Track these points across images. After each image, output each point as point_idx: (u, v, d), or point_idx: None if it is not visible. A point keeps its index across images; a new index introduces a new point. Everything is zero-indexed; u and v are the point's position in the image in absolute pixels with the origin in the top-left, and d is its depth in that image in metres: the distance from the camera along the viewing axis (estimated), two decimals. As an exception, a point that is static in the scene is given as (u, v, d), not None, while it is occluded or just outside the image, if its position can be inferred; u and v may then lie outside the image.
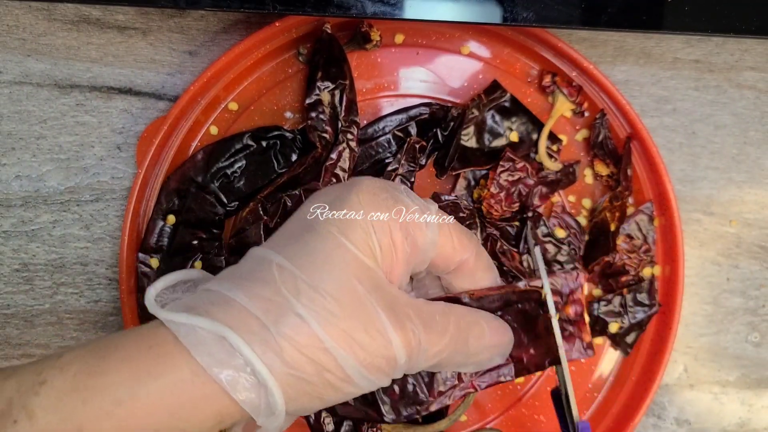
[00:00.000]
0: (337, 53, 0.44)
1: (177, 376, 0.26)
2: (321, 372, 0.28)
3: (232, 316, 0.27)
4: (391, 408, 0.37)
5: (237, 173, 0.45)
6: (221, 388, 0.26)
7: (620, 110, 0.46)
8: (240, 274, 0.29)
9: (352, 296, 0.28)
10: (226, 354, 0.26)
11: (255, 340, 0.27)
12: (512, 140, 0.45)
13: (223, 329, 0.26)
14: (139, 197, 0.44)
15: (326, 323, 0.27)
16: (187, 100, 0.43)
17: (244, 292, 0.28)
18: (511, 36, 0.46)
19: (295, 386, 0.27)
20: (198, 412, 0.27)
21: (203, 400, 0.26)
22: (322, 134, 0.43)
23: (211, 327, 0.27)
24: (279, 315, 0.27)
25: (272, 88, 0.46)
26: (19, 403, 0.25)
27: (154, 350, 0.27)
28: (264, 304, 0.27)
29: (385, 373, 0.29)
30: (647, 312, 0.46)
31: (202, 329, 0.27)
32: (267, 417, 0.28)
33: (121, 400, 0.25)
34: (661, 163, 0.45)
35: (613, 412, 0.47)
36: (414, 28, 0.46)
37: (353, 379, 0.28)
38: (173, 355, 0.26)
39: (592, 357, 0.47)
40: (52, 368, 0.26)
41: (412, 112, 0.46)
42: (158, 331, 0.27)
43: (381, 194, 0.31)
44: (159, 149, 0.44)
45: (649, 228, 0.46)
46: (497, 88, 0.45)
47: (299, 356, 0.27)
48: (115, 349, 0.27)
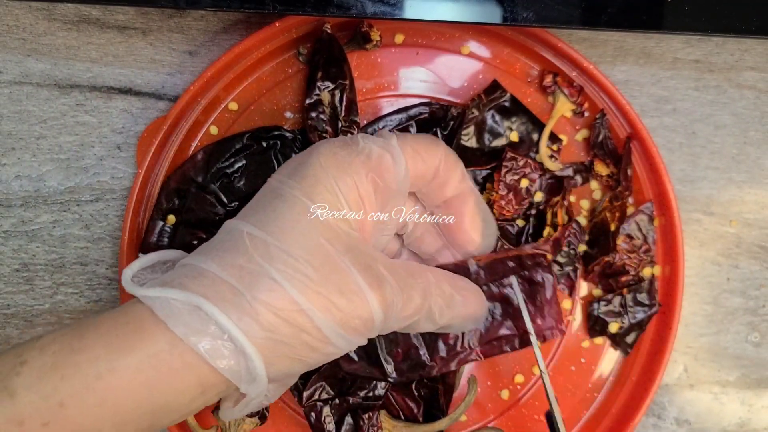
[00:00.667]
0: (337, 53, 0.44)
1: (154, 348, 0.26)
2: (298, 333, 0.28)
3: (205, 286, 0.27)
4: (395, 369, 0.37)
5: (237, 173, 0.45)
6: (200, 357, 0.27)
7: (620, 110, 0.46)
8: (213, 246, 0.30)
9: (325, 258, 0.28)
10: (202, 323, 0.27)
11: (230, 307, 0.27)
12: (512, 140, 0.45)
13: (196, 298, 0.27)
14: (139, 197, 0.44)
15: (301, 286, 0.28)
16: (187, 100, 0.43)
17: (216, 262, 0.28)
18: (511, 36, 0.46)
19: (274, 349, 0.28)
20: (178, 383, 0.27)
21: (182, 370, 0.27)
22: (323, 134, 0.43)
23: (185, 297, 0.27)
24: (253, 280, 0.27)
25: (272, 88, 0.46)
26: (1, 384, 0.25)
27: (130, 325, 0.27)
28: (237, 271, 0.28)
29: (361, 333, 0.29)
30: (647, 312, 0.46)
31: (177, 301, 0.27)
32: (249, 383, 0.28)
33: (100, 374, 0.26)
34: (661, 163, 0.45)
35: (613, 412, 0.47)
36: (414, 28, 0.46)
37: (330, 340, 0.29)
38: (150, 328, 0.27)
39: (592, 357, 0.47)
40: (32, 349, 0.26)
41: (412, 111, 0.46)
42: (135, 308, 0.28)
43: (341, 152, 0.31)
44: (159, 149, 0.44)
45: (649, 228, 0.46)
46: (497, 88, 0.45)
47: (276, 319, 0.27)
48: (93, 327, 0.27)
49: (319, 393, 0.42)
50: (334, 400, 0.42)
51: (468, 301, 0.34)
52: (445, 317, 0.33)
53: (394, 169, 0.32)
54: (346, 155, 0.31)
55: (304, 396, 0.42)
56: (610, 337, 0.47)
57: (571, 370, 0.47)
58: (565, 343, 0.47)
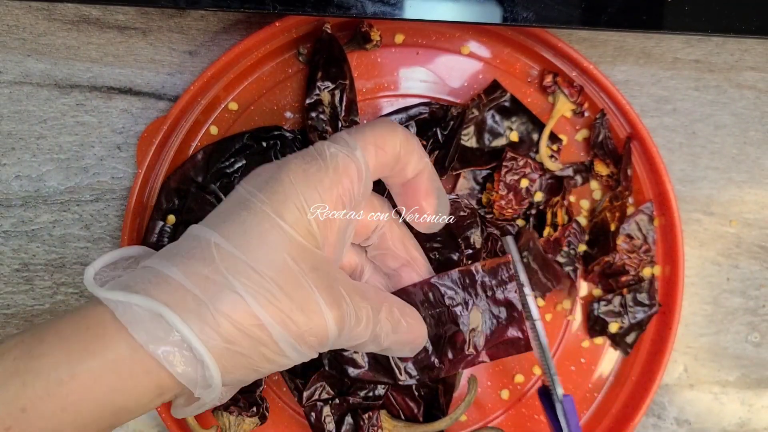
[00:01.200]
0: (337, 53, 0.44)
1: (115, 353, 0.27)
2: (256, 346, 0.29)
3: (168, 293, 0.28)
4: (405, 371, 0.39)
5: (237, 173, 0.45)
6: (159, 363, 0.27)
7: (620, 110, 0.46)
8: (178, 252, 0.30)
9: (288, 275, 0.29)
10: (163, 331, 0.27)
11: (192, 317, 0.27)
12: (512, 140, 0.45)
13: (159, 306, 0.27)
14: (139, 197, 0.44)
15: (264, 301, 0.28)
16: (187, 100, 0.43)
17: (181, 270, 0.29)
18: (512, 36, 0.46)
19: (231, 359, 0.28)
20: (138, 387, 0.28)
21: (142, 376, 0.27)
22: (323, 134, 0.43)
23: (148, 304, 0.27)
24: (217, 292, 0.28)
25: (272, 88, 0.46)
26: None
27: (92, 330, 0.27)
28: (201, 281, 0.28)
29: (314, 348, 0.31)
30: (647, 312, 0.46)
31: (139, 307, 0.27)
32: (204, 389, 0.29)
33: (61, 379, 0.26)
34: (661, 163, 0.45)
35: (613, 412, 0.47)
36: (414, 28, 0.46)
37: (286, 352, 0.30)
38: (111, 333, 0.27)
39: (592, 357, 0.47)
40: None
41: (412, 111, 0.46)
42: (96, 310, 0.28)
43: (311, 168, 0.31)
44: (159, 149, 0.44)
45: (649, 228, 0.46)
46: (497, 88, 0.45)
47: (236, 332, 0.28)
48: (54, 331, 0.27)
49: (319, 393, 0.42)
50: (334, 400, 0.42)
51: (412, 329, 0.35)
52: (389, 340, 0.34)
53: (359, 179, 0.32)
54: (315, 171, 0.31)
55: (304, 396, 0.42)
56: (610, 337, 0.47)
57: (571, 370, 0.47)
58: (565, 343, 0.47)
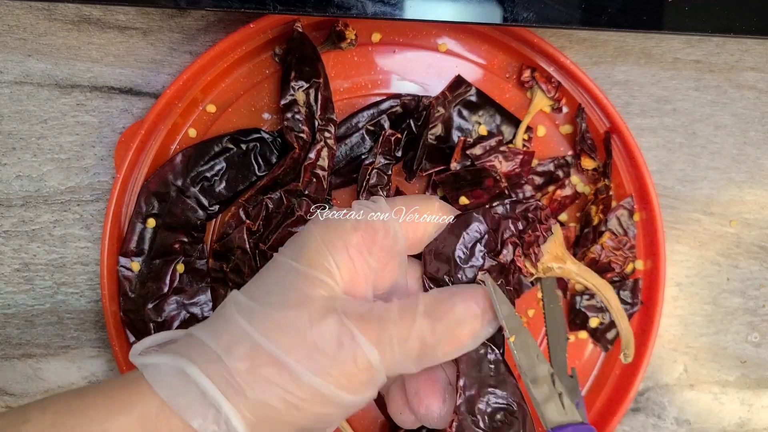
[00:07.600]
0: (310, 52, 0.43)
1: (144, 410, 0.28)
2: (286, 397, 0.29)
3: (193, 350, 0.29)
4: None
5: (217, 176, 0.44)
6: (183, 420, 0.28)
7: (598, 105, 0.46)
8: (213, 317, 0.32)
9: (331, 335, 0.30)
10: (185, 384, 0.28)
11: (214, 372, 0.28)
12: (481, 134, 0.45)
13: (182, 362, 0.29)
14: (119, 201, 0.43)
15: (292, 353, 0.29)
16: (164, 103, 0.43)
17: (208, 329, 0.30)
18: (489, 32, 0.46)
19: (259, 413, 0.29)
20: None
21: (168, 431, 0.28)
22: (299, 134, 0.43)
23: (172, 361, 0.29)
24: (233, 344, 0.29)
25: (250, 89, 0.46)
26: None
27: (126, 388, 0.29)
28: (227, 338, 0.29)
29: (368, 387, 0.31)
30: (629, 310, 0.47)
31: (166, 365, 0.29)
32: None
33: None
34: (640, 157, 0.45)
35: (597, 406, 0.48)
36: (391, 26, 0.46)
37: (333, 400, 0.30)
38: (143, 391, 0.29)
39: (576, 352, 0.47)
40: (35, 409, 0.28)
41: (383, 105, 0.45)
42: (134, 374, 0.30)
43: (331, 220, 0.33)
44: (138, 152, 0.44)
45: (629, 223, 0.46)
46: (462, 83, 0.45)
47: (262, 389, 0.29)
48: (95, 388, 0.29)
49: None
50: None
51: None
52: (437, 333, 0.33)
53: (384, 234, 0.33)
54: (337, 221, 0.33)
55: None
56: (590, 332, 0.47)
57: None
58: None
